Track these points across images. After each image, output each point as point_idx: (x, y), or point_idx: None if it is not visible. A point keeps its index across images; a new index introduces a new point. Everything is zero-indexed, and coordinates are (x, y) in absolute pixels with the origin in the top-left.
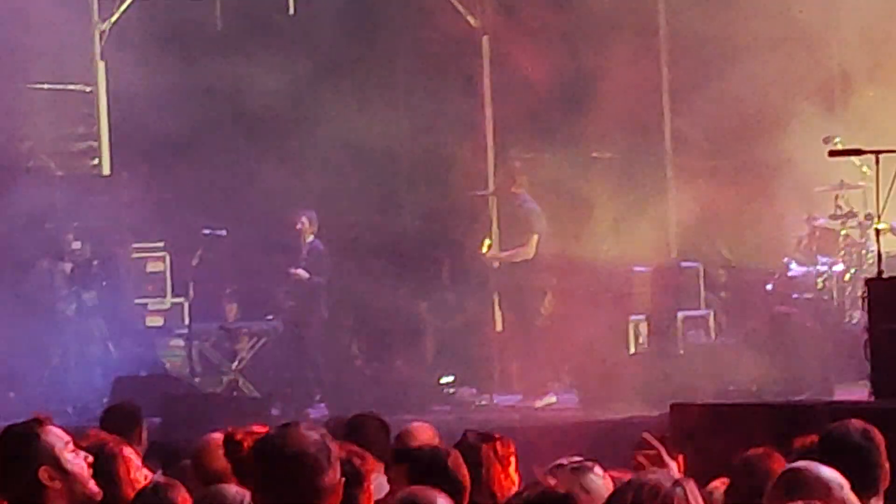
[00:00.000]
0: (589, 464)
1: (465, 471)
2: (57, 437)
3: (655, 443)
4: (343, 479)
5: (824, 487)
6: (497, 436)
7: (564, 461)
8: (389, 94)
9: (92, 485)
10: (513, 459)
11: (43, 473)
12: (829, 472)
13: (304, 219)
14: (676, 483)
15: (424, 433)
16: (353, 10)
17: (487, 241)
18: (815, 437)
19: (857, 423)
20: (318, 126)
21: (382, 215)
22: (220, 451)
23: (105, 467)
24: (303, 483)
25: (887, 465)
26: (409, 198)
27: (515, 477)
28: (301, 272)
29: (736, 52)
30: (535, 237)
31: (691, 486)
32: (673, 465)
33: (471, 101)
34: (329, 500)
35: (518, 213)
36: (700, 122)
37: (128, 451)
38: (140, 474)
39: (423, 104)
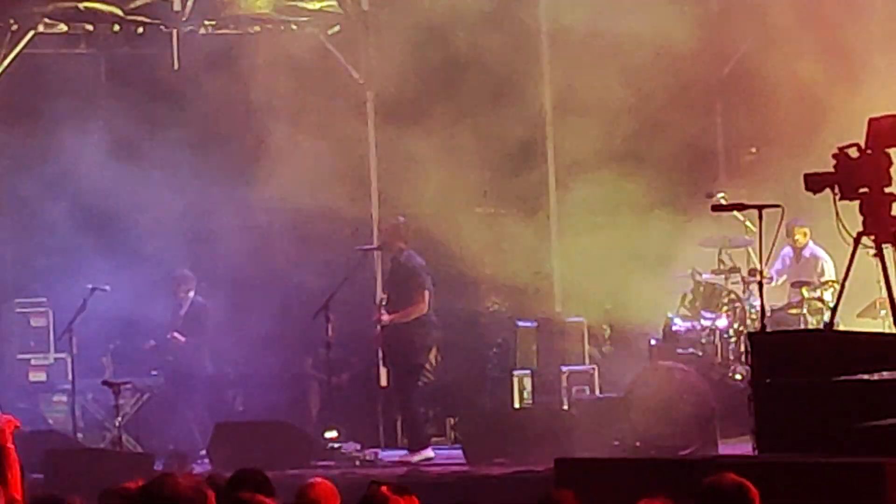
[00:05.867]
0: None
1: None
2: None
3: None
4: None
5: None
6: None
7: None
8: (274, 148)
9: None
10: None
11: None
12: None
13: (183, 276)
14: None
15: (324, 489)
16: (238, 64)
17: None
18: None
19: (730, 477)
20: (202, 179)
21: (267, 270)
22: None
23: None
24: None
25: None
26: (294, 252)
27: None
28: (178, 336)
29: (619, 110)
30: (427, 293)
31: None
32: None
33: (357, 156)
34: None
35: (405, 269)
36: (583, 177)
37: None
38: None
39: (308, 158)
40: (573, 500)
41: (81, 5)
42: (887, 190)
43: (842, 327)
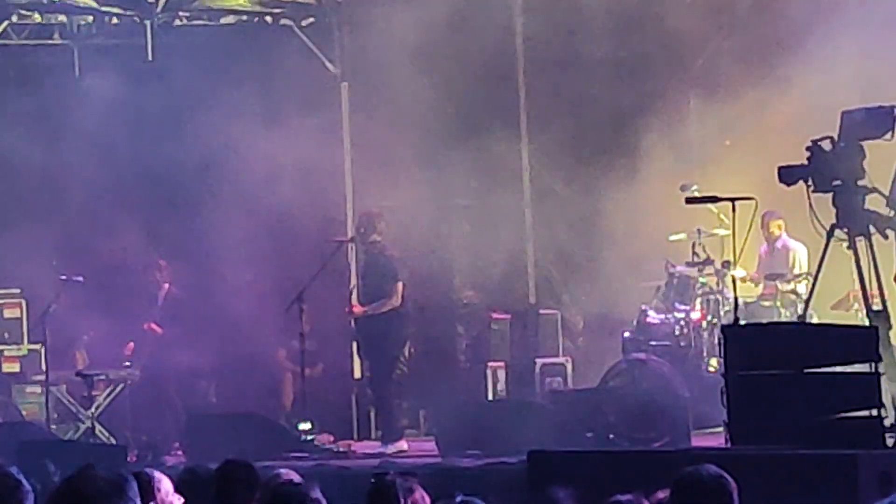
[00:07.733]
0: None
1: None
2: None
3: None
4: None
5: None
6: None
7: None
8: (249, 140)
9: None
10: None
11: None
12: None
13: (159, 266)
14: None
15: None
16: (212, 55)
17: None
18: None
19: (710, 468)
20: (176, 172)
21: (242, 262)
22: None
23: None
24: None
25: None
26: (269, 244)
27: None
28: (155, 327)
29: (592, 102)
30: (400, 285)
31: None
32: None
33: (331, 148)
34: None
35: (379, 261)
36: (556, 168)
37: None
38: None
39: (283, 150)
40: None
41: None
42: (860, 182)
43: (815, 320)
